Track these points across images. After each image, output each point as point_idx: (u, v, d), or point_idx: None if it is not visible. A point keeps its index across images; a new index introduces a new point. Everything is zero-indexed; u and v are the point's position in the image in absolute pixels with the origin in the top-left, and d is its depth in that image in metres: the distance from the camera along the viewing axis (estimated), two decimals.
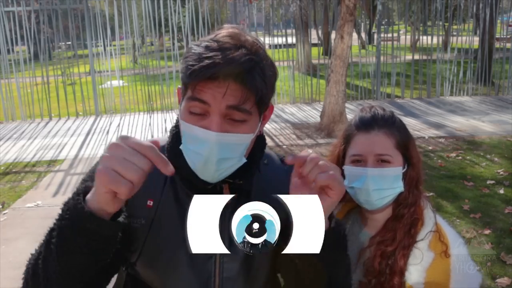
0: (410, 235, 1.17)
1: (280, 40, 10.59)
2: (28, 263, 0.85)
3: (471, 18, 11.46)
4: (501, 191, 4.66)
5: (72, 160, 6.36)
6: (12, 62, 9.17)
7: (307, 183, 0.79)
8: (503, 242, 3.62)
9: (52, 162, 6.27)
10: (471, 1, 10.57)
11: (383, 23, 11.32)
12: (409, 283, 1.15)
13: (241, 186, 0.92)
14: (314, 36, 15.47)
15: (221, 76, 0.79)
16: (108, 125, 8.55)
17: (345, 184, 1.13)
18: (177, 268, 0.93)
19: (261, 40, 0.89)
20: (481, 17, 10.14)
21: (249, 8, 10.32)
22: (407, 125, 1.27)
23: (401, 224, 1.18)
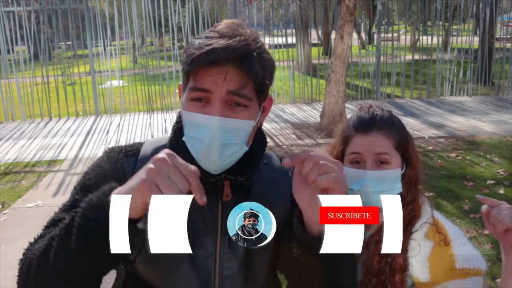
0: (407, 232, 1.17)
1: (280, 40, 10.59)
2: (28, 254, 0.85)
3: (471, 18, 11.46)
4: (501, 191, 4.65)
5: (72, 160, 6.36)
6: (12, 62, 9.16)
7: (309, 182, 0.79)
8: None
9: (52, 162, 6.27)
10: (471, 1, 10.56)
11: (383, 23, 11.32)
12: (414, 276, 1.14)
13: (242, 183, 0.93)
14: (314, 36, 15.46)
15: (221, 61, 0.81)
16: (108, 125, 8.54)
17: None
18: (177, 266, 0.93)
19: (260, 35, 0.91)
20: (481, 17, 10.14)
21: (249, 8, 10.31)
22: (407, 125, 1.27)
23: None
